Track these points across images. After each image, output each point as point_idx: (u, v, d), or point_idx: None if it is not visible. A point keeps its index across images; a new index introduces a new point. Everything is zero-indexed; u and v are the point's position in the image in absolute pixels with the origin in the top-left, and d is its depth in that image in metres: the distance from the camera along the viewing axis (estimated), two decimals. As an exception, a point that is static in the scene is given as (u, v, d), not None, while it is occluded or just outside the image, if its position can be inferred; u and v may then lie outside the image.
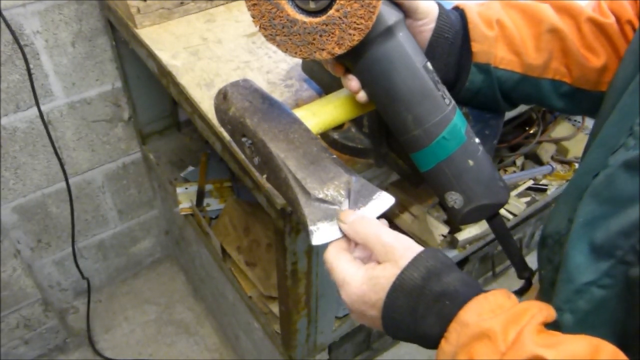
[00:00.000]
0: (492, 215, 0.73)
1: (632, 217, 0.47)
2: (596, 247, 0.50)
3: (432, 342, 0.51)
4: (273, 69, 1.05)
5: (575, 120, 1.75)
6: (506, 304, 0.48)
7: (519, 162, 1.69)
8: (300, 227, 0.90)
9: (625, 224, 0.47)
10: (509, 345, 0.44)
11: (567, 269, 0.52)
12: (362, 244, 0.56)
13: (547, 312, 0.48)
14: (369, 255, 0.57)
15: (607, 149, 0.53)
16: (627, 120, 0.52)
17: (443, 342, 0.49)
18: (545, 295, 0.63)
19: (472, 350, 0.46)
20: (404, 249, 0.53)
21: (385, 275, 0.52)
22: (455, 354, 0.47)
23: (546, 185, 1.64)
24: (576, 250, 0.52)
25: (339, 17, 0.55)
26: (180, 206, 1.48)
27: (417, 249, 0.53)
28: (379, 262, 0.54)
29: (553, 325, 0.49)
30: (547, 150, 1.69)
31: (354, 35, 0.56)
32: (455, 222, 0.74)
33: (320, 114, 0.69)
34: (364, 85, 0.65)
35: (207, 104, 0.97)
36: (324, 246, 0.58)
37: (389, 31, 0.61)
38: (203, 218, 1.43)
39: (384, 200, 0.59)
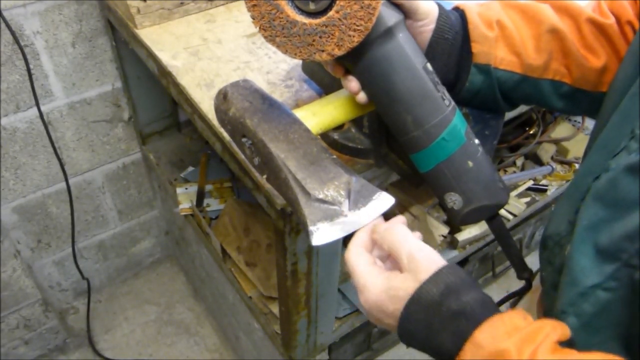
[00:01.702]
0: (491, 216, 0.73)
1: (637, 221, 0.46)
2: (601, 250, 0.50)
3: (446, 357, 0.51)
4: (273, 69, 1.05)
5: (575, 121, 1.75)
6: (521, 325, 0.48)
7: (519, 162, 1.69)
8: (300, 227, 0.90)
9: (629, 228, 0.47)
10: None
11: (571, 272, 0.52)
12: (388, 252, 0.56)
13: (561, 330, 0.48)
14: (387, 254, 0.57)
15: (608, 151, 0.53)
16: (628, 123, 0.52)
17: None
18: (547, 298, 0.63)
19: None
20: (426, 262, 0.53)
21: (404, 288, 0.52)
22: None
23: (546, 186, 1.64)
24: (580, 253, 0.51)
25: (339, 19, 0.55)
26: (180, 206, 1.48)
27: (440, 263, 0.53)
28: (400, 271, 0.54)
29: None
30: (547, 151, 1.69)
31: (353, 36, 0.56)
32: (454, 222, 0.74)
33: (320, 115, 0.69)
34: (364, 86, 0.65)
35: (207, 104, 0.97)
36: (325, 246, 0.58)
37: (388, 32, 0.61)
38: (203, 218, 1.43)
39: (384, 200, 0.59)
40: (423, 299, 0.51)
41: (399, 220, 0.58)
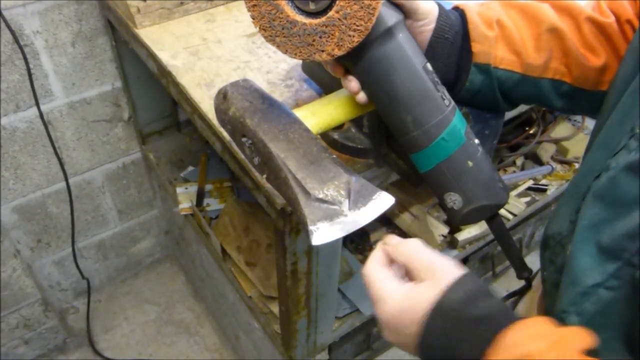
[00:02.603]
0: (491, 216, 0.73)
1: (637, 220, 0.46)
2: (602, 249, 0.50)
3: None
4: (273, 69, 1.05)
5: (575, 120, 1.75)
6: (545, 331, 0.48)
7: (518, 162, 1.69)
8: (300, 227, 0.90)
9: (630, 227, 0.47)
10: None
11: (572, 272, 0.52)
12: (404, 263, 0.56)
13: (587, 339, 0.47)
14: (404, 274, 0.57)
15: (608, 150, 0.53)
16: (628, 121, 0.52)
17: None
18: (548, 297, 0.63)
19: None
20: (444, 271, 0.53)
21: (424, 297, 0.52)
22: None
23: (546, 185, 1.64)
24: (582, 252, 0.51)
25: (339, 19, 0.55)
26: (180, 206, 1.48)
27: (458, 272, 0.53)
28: (418, 282, 0.54)
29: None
30: (547, 150, 1.69)
31: (353, 36, 0.56)
32: (454, 222, 0.73)
33: (320, 114, 0.69)
34: (364, 86, 0.65)
35: (207, 104, 0.97)
36: (325, 246, 0.57)
37: (388, 32, 0.61)
38: (203, 218, 1.43)
39: (384, 200, 0.59)
40: (444, 308, 0.50)
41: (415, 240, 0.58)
